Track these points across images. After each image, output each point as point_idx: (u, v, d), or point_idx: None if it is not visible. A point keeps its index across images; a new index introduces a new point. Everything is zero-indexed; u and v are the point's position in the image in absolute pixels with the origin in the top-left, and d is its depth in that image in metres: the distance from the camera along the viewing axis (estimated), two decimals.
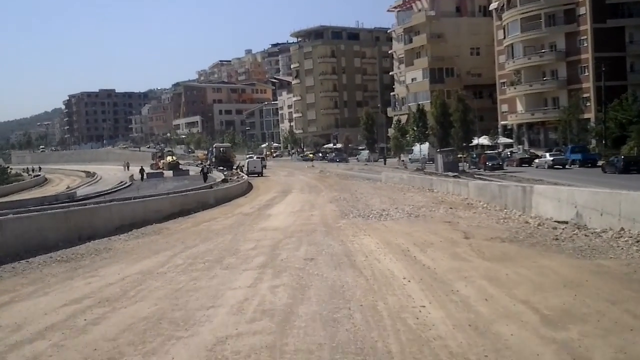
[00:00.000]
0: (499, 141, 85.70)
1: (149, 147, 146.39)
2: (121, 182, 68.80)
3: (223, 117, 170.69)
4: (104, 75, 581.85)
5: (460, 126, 73.09)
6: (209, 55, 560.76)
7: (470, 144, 76.04)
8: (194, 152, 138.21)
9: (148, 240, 19.49)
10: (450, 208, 26.35)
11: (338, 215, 25.56)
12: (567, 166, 59.29)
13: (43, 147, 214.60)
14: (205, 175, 63.78)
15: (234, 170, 77.87)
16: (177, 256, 15.43)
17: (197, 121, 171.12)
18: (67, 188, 71.07)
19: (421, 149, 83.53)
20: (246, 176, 65.02)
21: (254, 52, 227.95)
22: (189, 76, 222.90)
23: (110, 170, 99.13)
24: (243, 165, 78.71)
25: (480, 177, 52.71)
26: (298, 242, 17.21)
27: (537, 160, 63.87)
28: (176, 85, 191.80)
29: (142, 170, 75.48)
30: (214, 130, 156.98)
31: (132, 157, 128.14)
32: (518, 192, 23.14)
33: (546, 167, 59.75)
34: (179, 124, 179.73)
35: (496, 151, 76.12)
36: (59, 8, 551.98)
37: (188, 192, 34.48)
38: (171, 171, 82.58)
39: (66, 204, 31.54)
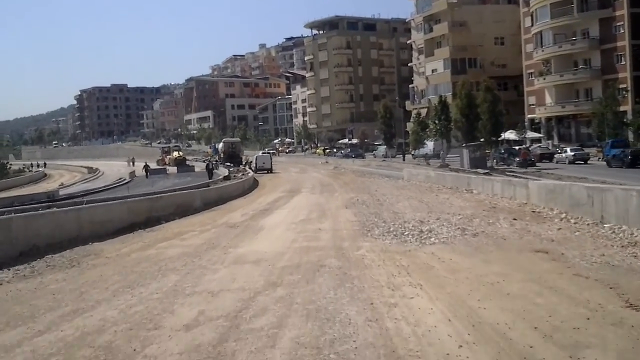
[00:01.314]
0: (526, 136, 77.73)
1: (159, 143, 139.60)
2: (119, 179, 63.83)
3: (235, 112, 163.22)
4: (118, 71, 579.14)
5: (488, 118, 64.73)
6: (224, 51, 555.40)
7: (499, 138, 67.71)
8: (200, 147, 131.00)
9: (28, 286, 11.61)
10: (514, 219, 18.88)
11: (357, 230, 18.25)
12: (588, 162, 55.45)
13: (56, 142, 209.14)
14: (210, 171, 57.46)
15: (241, 166, 72.33)
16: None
17: (208, 116, 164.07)
18: (60, 185, 65.59)
19: (427, 144, 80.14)
20: (252, 172, 59.15)
21: (268, 46, 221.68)
22: (203, 71, 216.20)
23: (116, 167, 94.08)
24: (251, 161, 72.88)
25: (514, 174, 45.42)
26: (284, 303, 9.39)
27: (556, 156, 59.74)
28: (189, 80, 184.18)
29: (146, 167, 69.96)
30: (226, 126, 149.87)
31: (142, 152, 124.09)
32: (633, 198, 14.87)
33: (567, 162, 56.12)
34: (190, 119, 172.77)
35: (525, 146, 68.53)
36: (76, 3, 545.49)
37: (162, 194, 26.49)
38: (176, 167, 77.81)
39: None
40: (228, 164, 75.17)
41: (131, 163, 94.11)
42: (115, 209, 20.46)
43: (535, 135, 79.19)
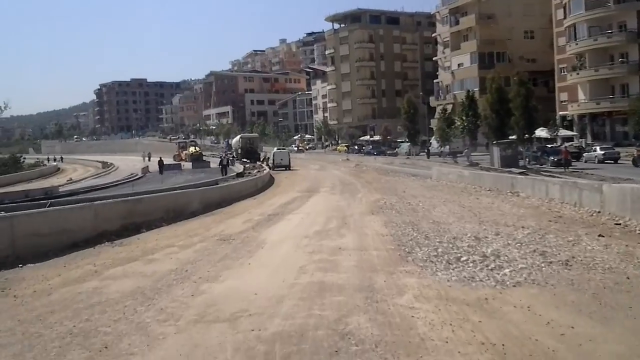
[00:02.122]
0: (559, 134, 72.37)
1: (177, 138, 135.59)
2: (131, 174, 61.00)
3: (255, 108, 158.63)
4: (140, 66, 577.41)
5: (521, 114, 59.52)
6: (245, 46, 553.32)
7: (533, 135, 62.54)
8: (219, 143, 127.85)
9: None
10: (600, 235, 14.18)
11: (392, 250, 13.70)
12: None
13: (77, 137, 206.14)
14: (224, 167, 54.21)
15: (258, 163, 68.23)
16: None
17: (227, 111, 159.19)
18: (68, 180, 62.79)
19: (432, 143, 77.97)
20: (267, 169, 55.10)
21: (288, 41, 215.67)
22: (224, 67, 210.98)
23: (132, 162, 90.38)
24: (269, 157, 68.75)
25: (551, 174, 40.54)
26: None
27: (585, 154, 56.30)
28: (209, 75, 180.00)
29: (160, 162, 65.48)
30: (245, 121, 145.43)
31: (160, 147, 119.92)
32: None
33: (596, 161, 52.40)
34: (209, 114, 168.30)
35: (566, 144, 63.43)
36: None
37: (146, 196, 21.54)
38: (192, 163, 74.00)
39: None
40: (245, 159, 72.22)
41: (147, 158, 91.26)
42: (74, 216, 15.55)
43: (568, 133, 73.97)
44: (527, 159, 57.47)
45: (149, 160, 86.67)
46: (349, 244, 14.43)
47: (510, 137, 61.32)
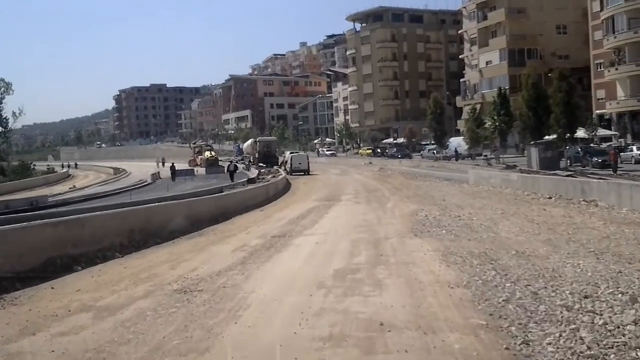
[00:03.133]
0: (597, 133, 66.32)
1: (193, 143, 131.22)
2: (140, 180, 58.09)
3: (274, 112, 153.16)
4: (160, 72, 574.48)
5: (562, 111, 53.41)
6: (265, 50, 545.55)
7: (575, 135, 56.49)
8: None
9: None
10: None
11: (486, 333, 7.37)
12: None
13: (99, 143, 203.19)
14: (232, 173, 49.68)
15: (275, 167, 63.63)
16: None
17: (246, 115, 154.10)
18: (71, 188, 58.79)
19: (450, 142, 74.74)
20: (283, 174, 50.21)
21: (309, 44, 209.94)
22: (244, 72, 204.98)
23: (146, 168, 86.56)
24: (286, 161, 64.17)
25: (600, 177, 35.15)
26: None
27: (621, 154, 50.84)
28: (229, 80, 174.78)
29: (172, 168, 61.60)
30: (264, 125, 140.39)
31: (178, 153, 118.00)
32: None
33: (632, 162, 48.88)
34: (228, 119, 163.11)
35: (615, 145, 58.48)
36: (123, 4, 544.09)
37: (101, 214, 15.55)
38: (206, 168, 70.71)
39: None
40: (261, 164, 67.96)
41: (161, 164, 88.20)
42: None
43: (607, 132, 68.07)
44: (568, 161, 52.14)
45: (163, 165, 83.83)
46: (396, 312, 8.46)
47: (546, 137, 55.91)
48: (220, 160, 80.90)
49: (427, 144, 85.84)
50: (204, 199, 22.24)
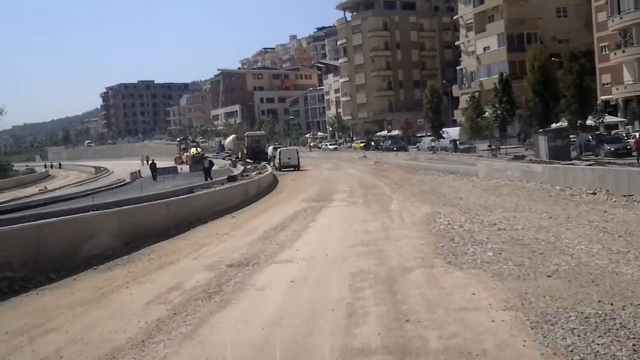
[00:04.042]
0: (604, 120, 61.42)
1: (182, 140, 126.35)
2: (117, 180, 55.83)
3: (264, 106, 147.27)
4: (148, 68, 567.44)
5: (573, 96, 48.19)
6: (255, 45, 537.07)
7: (587, 121, 51.47)
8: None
9: None
10: None
11: None
12: None
13: (90, 142, 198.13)
14: (207, 171, 44.24)
15: (263, 163, 58.65)
16: None
17: (236, 110, 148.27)
18: (41, 190, 55.78)
19: (447, 133, 71.00)
20: (270, 170, 46.02)
21: (299, 37, 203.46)
22: (233, 67, 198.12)
23: (130, 166, 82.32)
24: (274, 156, 60.37)
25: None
26: None
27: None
28: (218, 75, 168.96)
29: (152, 166, 56.67)
30: (254, 120, 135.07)
31: (166, 150, 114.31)
32: None
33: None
34: (217, 115, 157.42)
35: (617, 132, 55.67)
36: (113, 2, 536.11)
37: None
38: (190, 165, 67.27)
39: None
40: (249, 160, 64.28)
41: (145, 162, 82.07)
42: None
43: (614, 119, 63.31)
44: (578, 150, 47.44)
45: (147, 163, 75.85)
46: None
47: (553, 125, 51.86)
48: (207, 157, 77.98)
49: (423, 136, 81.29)
50: (145, 208, 16.73)
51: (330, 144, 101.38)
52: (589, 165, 31.27)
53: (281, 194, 30.19)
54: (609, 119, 62.18)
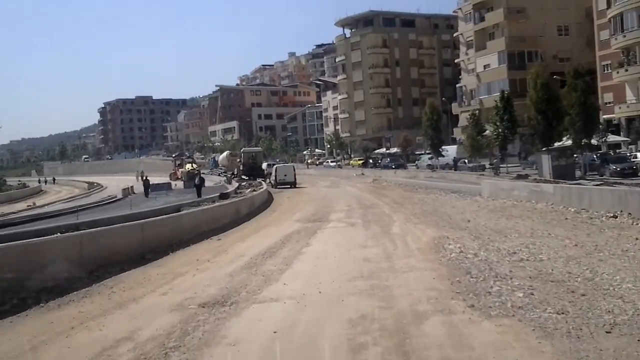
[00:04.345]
0: (607, 139, 59.80)
1: (174, 156, 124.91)
2: (109, 196, 54.11)
3: (262, 122, 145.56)
4: (148, 85, 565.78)
5: (578, 114, 46.46)
6: (254, 62, 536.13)
7: (592, 140, 49.76)
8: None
9: None
10: None
11: None
12: None
13: (87, 157, 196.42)
14: (198, 188, 42.49)
15: (258, 180, 56.58)
16: None
17: (233, 127, 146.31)
18: (29, 205, 55.21)
19: (447, 151, 69.19)
20: (265, 186, 44.57)
21: (297, 54, 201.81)
22: (232, 83, 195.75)
23: (127, 182, 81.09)
24: (270, 173, 59.14)
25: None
26: None
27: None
28: (217, 91, 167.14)
29: (146, 182, 55.17)
30: (252, 136, 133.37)
31: (162, 166, 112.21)
32: None
33: None
34: (215, 131, 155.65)
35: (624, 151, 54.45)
36: (115, 14, 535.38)
37: None
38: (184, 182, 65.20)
39: None
40: (244, 177, 62.02)
41: (140, 177, 79.94)
42: None
43: (617, 138, 61.68)
44: (583, 169, 46.14)
45: (142, 179, 76.89)
46: None
47: (556, 143, 49.83)
48: (203, 173, 76.58)
49: (422, 154, 79.33)
50: (119, 229, 14.59)
51: (331, 161, 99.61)
52: (598, 185, 29.55)
53: (275, 213, 28.35)
54: (611, 138, 60.71)
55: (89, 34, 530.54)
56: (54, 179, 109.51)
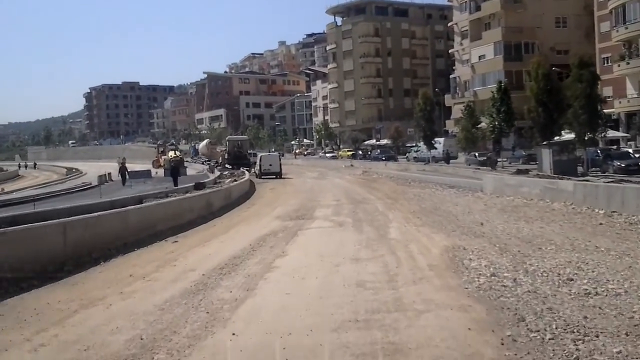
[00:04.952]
0: (607, 135, 56.62)
1: (158, 143, 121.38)
2: (83, 183, 50.51)
3: (250, 111, 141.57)
4: (137, 70, 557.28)
5: (583, 105, 43.02)
6: (244, 50, 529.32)
7: (596, 134, 46.37)
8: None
9: None
10: None
11: None
12: None
13: (74, 142, 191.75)
14: (175, 176, 39.35)
15: (242, 169, 53.03)
16: None
17: (221, 115, 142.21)
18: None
19: (439, 143, 66.56)
20: (247, 177, 40.93)
21: (288, 43, 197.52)
22: (221, 71, 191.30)
23: (106, 168, 77.44)
24: (254, 162, 55.53)
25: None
26: None
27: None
28: (204, 79, 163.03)
29: (122, 169, 50.35)
30: (239, 125, 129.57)
31: (148, 153, 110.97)
32: None
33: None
34: (202, 118, 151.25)
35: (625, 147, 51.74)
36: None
37: None
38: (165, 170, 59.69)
39: None
40: (228, 166, 58.70)
41: (121, 164, 79.13)
42: None
43: (617, 134, 58.62)
44: (586, 165, 43.16)
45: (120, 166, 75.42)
46: None
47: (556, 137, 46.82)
48: (187, 161, 71.89)
49: (413, 146, 76.03)
50: (26, 231, 10.30)
51: (327, 152, 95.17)
52: (610, 182, 26.03)
53: (253, 207, 24.69)
54: (611, 133, 57.61)
55: (79, 18, 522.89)
56: (34, 164, 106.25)
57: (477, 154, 60.00)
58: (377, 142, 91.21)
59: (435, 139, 67.00)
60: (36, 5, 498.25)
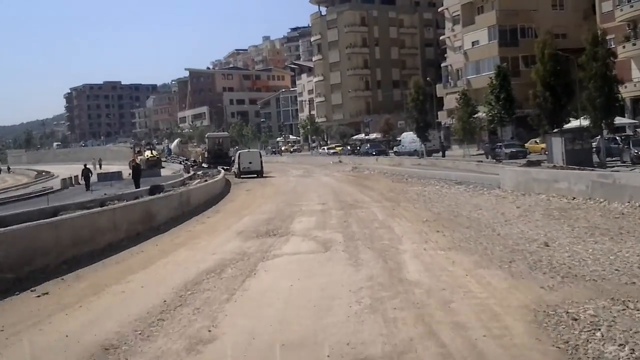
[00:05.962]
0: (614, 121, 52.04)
1: (135, 143, 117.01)
2: (44, 188, 47.29)
3: (234, 108, 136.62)
4: (119, 69, 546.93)
5: (599, 86, 38.02)
6: (228, 47, 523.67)
7: (614, 121, 41.78)
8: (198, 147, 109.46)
9: None
10: None
11: None
12: None
13: (59, 144, 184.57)
14: (136, 177, 36.06)
15: (220, 168, 48.61)
16: None
17: (204, 112, 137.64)
18: None
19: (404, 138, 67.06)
20: (220, 177, 36.22)
21: (272, 38, 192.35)
22: (204, 68, 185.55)
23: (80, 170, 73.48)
24: (234, 160, 51.27)
25: None
26: None
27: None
28: (187, 75, 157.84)
29: (86, 172, 45.15)
30: (223, 122, 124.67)
31: (128, 154, 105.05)
32: None
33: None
34: (185, 116, 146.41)
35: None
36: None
37: None
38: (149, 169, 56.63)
39: None
40: (205, 165, 55.31)
41: (98, 165, 78.87)
42: None
43: (623, 120, 54.06)
44: (603, 154, 38.39)
45: (100, 167, 75.69)
46: None
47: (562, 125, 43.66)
48: (164, 161, 69.74)
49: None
50: None
51: (327, 148, 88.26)
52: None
53: (215, 216, 19.31)
54: (619, 120, 53.10)
55: (57, 18, 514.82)
56: (8, 168, 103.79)
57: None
58: (366, 136, 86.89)
59: (429, 130, 62.21)
60: (16, 5, 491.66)
